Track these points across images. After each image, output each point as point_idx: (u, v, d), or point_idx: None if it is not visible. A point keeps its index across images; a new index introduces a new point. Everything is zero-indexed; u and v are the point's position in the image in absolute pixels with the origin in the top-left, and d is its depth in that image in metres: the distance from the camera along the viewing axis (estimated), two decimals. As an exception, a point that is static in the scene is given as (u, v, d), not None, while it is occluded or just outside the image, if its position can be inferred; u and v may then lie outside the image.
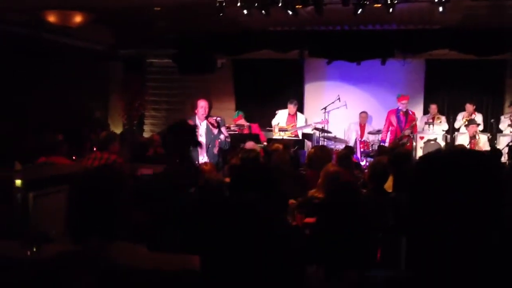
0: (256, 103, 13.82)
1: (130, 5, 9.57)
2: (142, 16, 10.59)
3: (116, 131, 12.47)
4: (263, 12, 9.21)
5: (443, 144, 11.82)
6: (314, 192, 5.48)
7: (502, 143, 11.78)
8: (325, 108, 12.54)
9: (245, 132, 11.40)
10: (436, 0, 8.67)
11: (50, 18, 9.76)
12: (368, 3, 8.82)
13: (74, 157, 8.30)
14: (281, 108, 12.49)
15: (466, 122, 11.97)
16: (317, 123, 12.24)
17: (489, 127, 12.51)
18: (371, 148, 11.90)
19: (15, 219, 3.09)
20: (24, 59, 10.94)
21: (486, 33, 10.83)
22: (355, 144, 12.39)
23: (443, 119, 12.55)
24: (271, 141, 10.50)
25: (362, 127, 12.94)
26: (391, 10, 8.88)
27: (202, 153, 7.73)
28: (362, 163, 11.01)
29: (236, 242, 1.45)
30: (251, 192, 2.50)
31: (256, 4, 8.96)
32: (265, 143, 10.51)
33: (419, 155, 11.59)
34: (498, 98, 13.15)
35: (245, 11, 9.21)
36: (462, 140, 11.62)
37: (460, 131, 12.38)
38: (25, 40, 10.94)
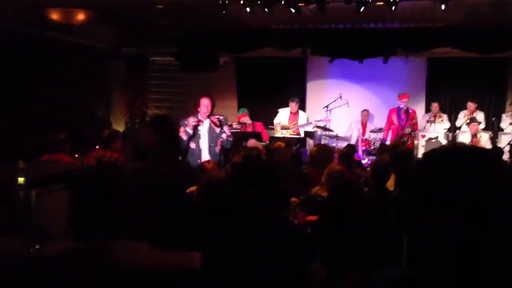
0: (258, 101, 13.82)
1: (133, 3, 9.57)
2: (144, 14, 10.58)
3: (119, 129, 12.47)
4: (266, 10, 9.21)
5: (444, 142, 11.81)
6: (318, 190, 5.48)
7: (504, 142, 11.77)
8: (327, 106, 12.53)
9: (248, 130, 11.39)
10: (438, -2, 8.68)
11: (53, 16, 9.77)
12: (370, 1, 8.81)
13: (76, 155, 8.32)
14: (283, 106, 12.48)
15: (468, 121, 11.96)
16: (317, 121, 12.23)
17: (490, 126, 12.51)
18: (373, 147, 11.89)
19: (17, 217, 3.10)
20: (27, 57, 10.95)
21: (488, 31, 10.80)
22: (356, 143, 12.38)
23: (445, 117, 12.54)
24: (273, 139, 10.49)
25: (364, 125, 12.93)
26: (393, 8, 8.87)
27: (204, 151, 7.73)
28: (364, 162, 11.01)
29: (238, 240, 1.46)
30: (253, 190, 2.51)
31: (259, 2, 8.95)
32: (266, 142, 10.50)
33: (420, 153, 11.59)
34: (500, 96, 13.14)
35: (248, 9, 9.20)
36: (464, 138, 11.62)
37: (461, 129, 12.38)
38: (27, 38, 10.95)
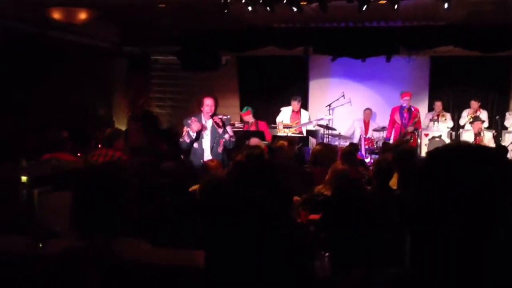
0: (260, 100, 13.82)
1: (134, 1, 9.57)
2: (146, 13, 10.59)
3: (121, 128, 12.48)
4: (267, 8, 9.20)
5: (447, 141, 11.80)
6: (321, 189, 5.48)
7: (507, 140, 11.77)
8: (329, 105, 12.52)
9: (252, 128, 11.38)
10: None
11: (55, 15, 9.78)
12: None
13: (79, 154, 8.33)
14: (285, 105, 12.47)
15: (471, 119, 11.95)
16: (319, 120, 12.22)
17: (494, 124, 12.49)
18: (376, 145, 11.88)
19: (20, 215, 3.10)
20: (29, 56, 10.96)
21: (491, 29, 10.78)
22: (359, 141, 12.38)
23: (448, 116, 12.53)
24: (276, 138, 10.48)
25: (366, 124, 12.92)
26: (396, 6, 8.86)
27: (206, 151, 7.70)
28: (367, 160, 11.00)
29: (241, 239, 1.45)
30: (255, 188, 2.51)
31: (260, 1, 8.95)
32: (269, 141, 10.49)
33: (423, 152, 11.59)
34: (504, 95, 13.12)
35: (249, 8, 9.19)
36: (467, 137, 11.61)
37: (465, 128, 12.37)
38: (30, 37, 10.96)
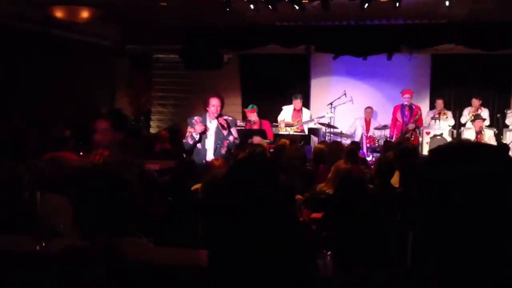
0: (262, 98, 13.79)
1: (137, 0, 9.59)
2: (148, 11, 10.60)
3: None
4: (269, 7, 9.21)
5: (449, 139, 11.79)
6: (323, 187, 5.47)
7: (509, 138, 11.76)
8: (331, 103, 12.51)
9: (255, 127, 11.38)
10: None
11: (58, 13, 9.79)
12: (374, -2, 8.82)
13: (81, 152, 8.33)
14: (287, 103, 12.46)
15: (472, 117, 11.93)
16: (320, 118, 12.21)
17: (495, 122, 12.47)
18: (377, 144, 11.87)
19: (23, 215, 3.11)
20: (32, 55, 10.98)
21: (492, 27, 10.77)
22: (361, 140, 12.37)
23: (449, 114, 12.51)
24: (278, 136, 10.48)
25: (368, 122, 12.91)
26: (397, 4, 8.86)
27: (209, 151, 7.66)
28: (368, 159, 10.99)
29: (245, 237, 1.46)
30: (257, 186, 2.51)
31: (262, -1, 8.97)
32: (271, 139, 10.49)
33: (425, 150, 11.58)
34: (505, 93, 13.10)
35: (252, 6, 9.20)
36: (468, 135, 11.59)
37: (466, 126, 12.35)
38: (33, 36, 10.98)
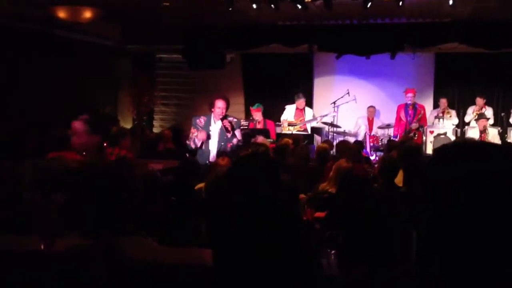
0: (265, 97, 13.76)
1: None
2: (151, 11, 10.60)
3: (126, 126, 12.51)
4: (272, 6, 9.20)
5: (453, 138, 11.77)
6: (325, 186, 5.47)
7: (513, 137, 11.73)
8: (334, 102, 12.50)
9: (259, 127, 11.39)
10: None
11: (60, 14, 9.80)
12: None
13: (84, 153, 8.32)
14: (290, 102, 12.47)
15: (476, 116, 11.91)
16: (323, 116, 12.21)
17: (499, 121, 12.45)
18: (381, 143, 11.87)
19: (23, 214, 3.11)
20: (35, 55, 10.99)
21: (496, 26, 10.74)
22: (364, 139, 12.37)
23: (453, 113, 12.49)
24: (281, 136, 10.49)
25: (370, 121, 12.90)
26: (400, 3, 8.84)
27: (213, 152, 7.65)
28: (372, 158, 10.99)
29: (250, 236, 1.45)
30: (260, 185, 2.51)
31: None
32: (273, 139, 10.49)
33: (429, 149, 11.56)
34: (509, 91, 13.06)
35: (254, 5, 9.20)
36: (472, 134, 11.58)
37: (470, 125, 12.33)
38: (35, 36, 10.99)
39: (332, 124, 12.27)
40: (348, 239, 3.98)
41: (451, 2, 8.73)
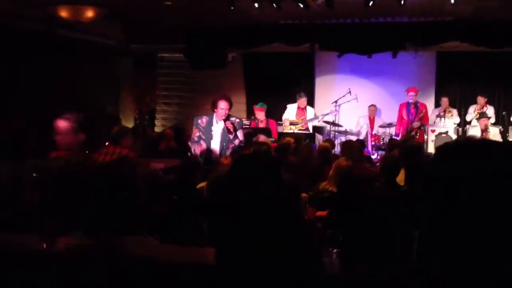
0: (267, 96, 13.77)
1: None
2: (152, 10, 10.60)
3: (128, 126, 12.50)
4: (274, 5, 9.20)
5: (454, 137, 11.75)
6: (325, 185, 5.47)
7: (514, 136, 11.72)
8: (336, 101, 12.50)
9: (260, 126, 11.39)
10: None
11: (62, 13, 9.81)
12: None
13: (86, 152, 8.33)
14: (291, 102, 12.47)
15: (478, 115, 11.90)
16: (324, 115, 12.21)
17: (500, 120, 12.44)
18: (382, 142, 11.87)
19: (23, 214, 3.11)
20: (37, 54, 10.99)
21: (498, 24, 10.73)
22: (366, 138, 12.37)
23: (455, 112, 12.48)
24: (282, 135, 10.49)
25: (371, 120, 12.90)
26: (402, 2, 8.84)
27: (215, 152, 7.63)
28: (373, 157, 10.99)
29: (252, 235, 1.45)
30: (261, 184, 2.50)
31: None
32: (275, 138, 10.50)
33: (430, 148, 11.56)
34: (510, 90, 13.04)
35: (256, 5, 9.20)
36: (474, 133, 11.56)
37: (471, 124, 12.32)
38: (36, 35, 10.99)
39: (333, 123, 12.28)
40: (349, 238, 3.97)
41: (452, 0, 8.72)
